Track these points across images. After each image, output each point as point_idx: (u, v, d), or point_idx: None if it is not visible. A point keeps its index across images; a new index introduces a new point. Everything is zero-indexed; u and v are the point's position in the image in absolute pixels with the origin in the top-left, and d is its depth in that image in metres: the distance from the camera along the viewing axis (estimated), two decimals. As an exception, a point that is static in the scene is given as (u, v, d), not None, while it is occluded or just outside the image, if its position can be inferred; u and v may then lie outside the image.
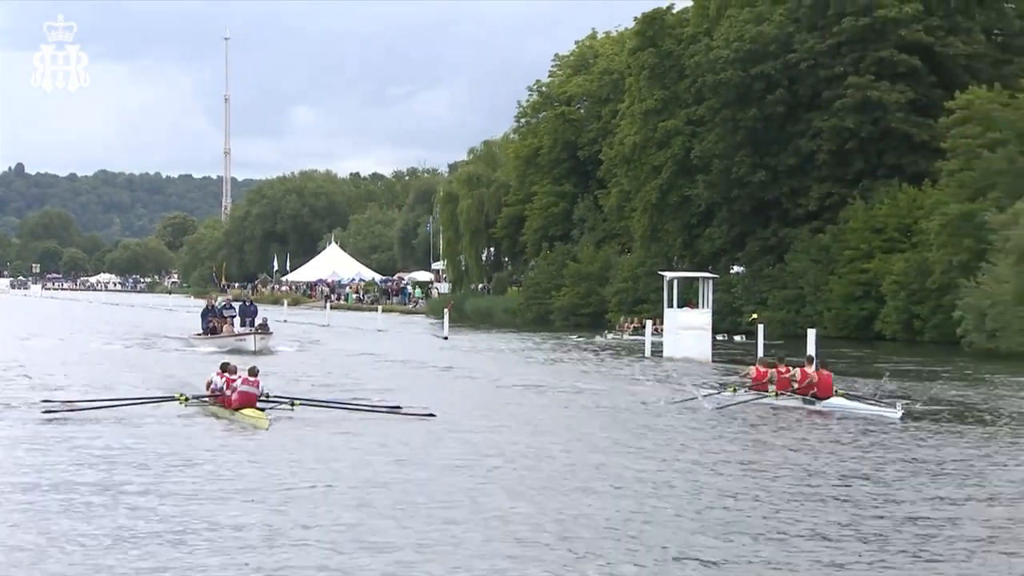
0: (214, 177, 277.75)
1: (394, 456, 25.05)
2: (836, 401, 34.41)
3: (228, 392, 30.41)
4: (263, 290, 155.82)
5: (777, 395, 35.25)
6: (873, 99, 79.43)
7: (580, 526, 18.60)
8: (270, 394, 30.62)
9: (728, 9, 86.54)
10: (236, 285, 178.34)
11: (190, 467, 23.21)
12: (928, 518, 19.66)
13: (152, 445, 26.03)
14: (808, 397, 34.47)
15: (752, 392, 36.40)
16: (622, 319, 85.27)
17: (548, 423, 31.95)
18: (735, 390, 36.97)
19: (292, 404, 30.35)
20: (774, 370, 35.98)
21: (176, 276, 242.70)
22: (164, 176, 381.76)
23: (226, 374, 31.12)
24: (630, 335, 77.18)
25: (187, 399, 31.47)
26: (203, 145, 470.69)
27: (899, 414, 32.02)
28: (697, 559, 16.76)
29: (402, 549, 16.75)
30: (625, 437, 29.11)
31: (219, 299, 70.95)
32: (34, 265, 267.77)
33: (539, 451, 26.18)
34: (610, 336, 79.64)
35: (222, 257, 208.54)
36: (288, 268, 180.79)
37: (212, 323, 61.32)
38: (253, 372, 30.29)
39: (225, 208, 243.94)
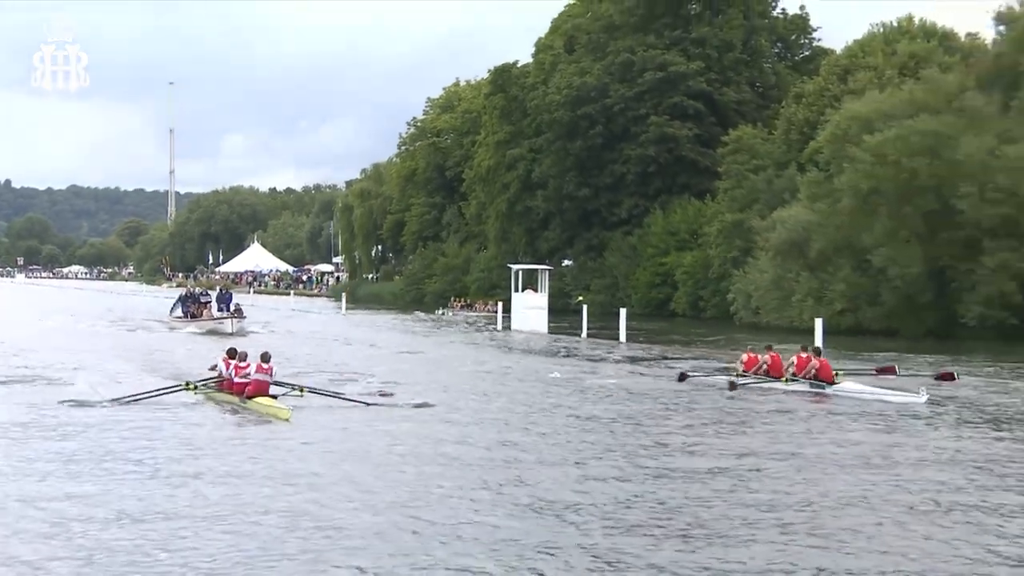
0: (162, 190, 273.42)
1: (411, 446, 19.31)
2: (848, 385, 28.57)
3: (239, 378, 24.21)
4: (201, 279, 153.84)
5: (787, 380, 29.17)
6: (668, 134, 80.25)
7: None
8: (278, 379, 24.93)
9: (559, 64, 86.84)
10: (180, 274, 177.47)
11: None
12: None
13: (190, 445, 19.25)
14: (816, 382, 28.61)
15: (753, 376, 30.30)
16: (452, 299, 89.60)
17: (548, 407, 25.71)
18: (736, 375, 30.55)
19: (301, 391, 24.64)
20: (767, 356, 30.57)
21: (131, 268, 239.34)
22: (122, 189, 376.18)
23: (233, 360, 24.95)
24: (457, 311, 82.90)
25: (196, 386, 25.52)
26: (153, 165, 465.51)
27: (924, 399, 26.09)
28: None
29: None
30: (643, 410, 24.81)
31: (196, 288, 67.74)
32: (19, 259, 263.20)
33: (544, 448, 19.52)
34: (447, 312, 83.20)
35: (168, 253, 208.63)
36: (220, 261, 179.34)
37: (191, 308, 57.05)
38: (266, 358, 24.30)
39: (170, 215, 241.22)
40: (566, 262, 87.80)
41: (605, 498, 14.88)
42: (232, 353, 25.37)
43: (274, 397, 23.82)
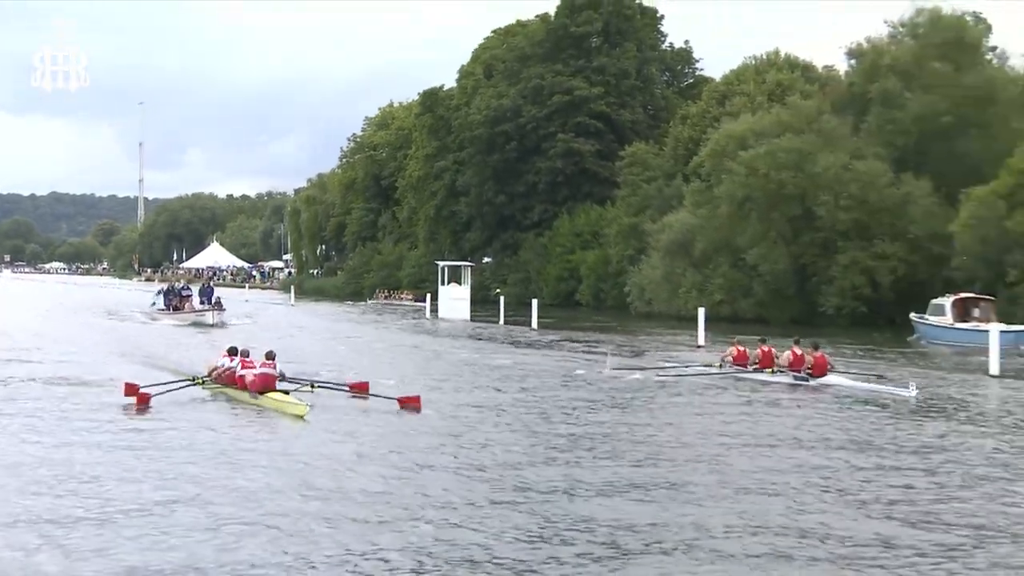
0: (132, 197, 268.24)
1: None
2: (833, 378, 25.84)
3: (243, 373, 21.48)
4: (167, 274, 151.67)
5: (773, 372, 26.47)
6: (574, 149, 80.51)
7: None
8: (286, 375, 21.79)
9: (479, 89, 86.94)
10: (148, 270, 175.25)
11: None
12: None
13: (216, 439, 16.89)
14: (800, 374, 25.76)
15: (736, 367, 27.58)
16: (376, 291, 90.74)
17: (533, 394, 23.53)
18: (720, 366, 27.99)
19: (312, 387, 21.60)
20: (758, 350, 27.28)
21: (105, 264, 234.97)
22: (97, 196, 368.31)
23: (236, 357, 22.18)
24: (382, 301, 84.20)
25: (203, 381, 22.32)
26: (124, 175, 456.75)
27: (914, 393, 23.24)
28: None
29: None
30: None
31: (178, 283, 63.62)
32: (5, 256, 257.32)
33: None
34: (373, 302, 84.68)
35: (138, 251, 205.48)
36: (184, 258, 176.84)
37: (174, 302, 53.20)
38: (270, 356, 21.32)
39: (140, 218, 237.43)
40: (486, 259, 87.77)
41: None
42: (233, 351, 22.65)
43: (286, 392, 20.77)
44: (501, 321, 54.28)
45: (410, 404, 20.35)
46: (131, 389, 20.50)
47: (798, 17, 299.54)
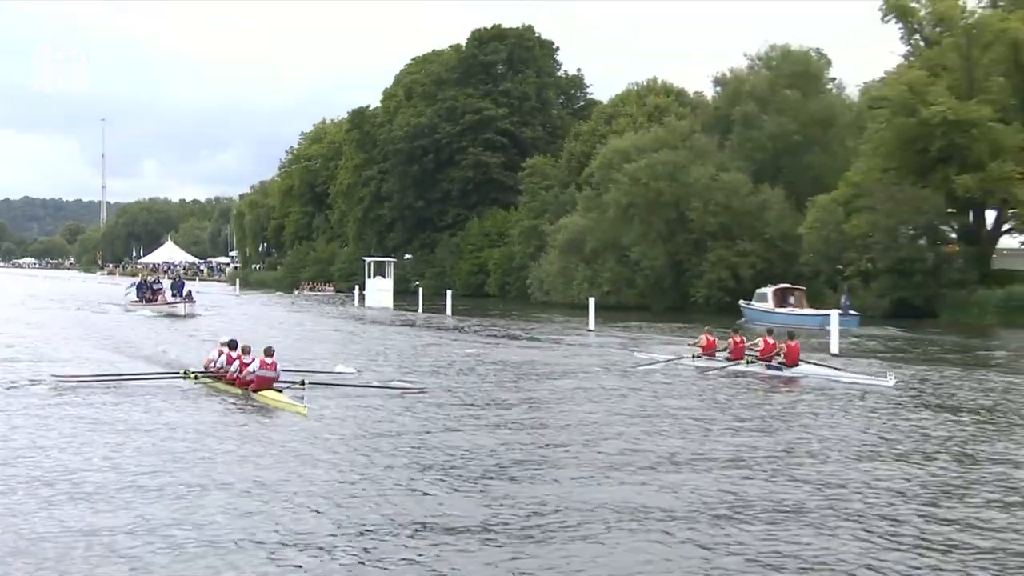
0: (96, 201, 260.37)
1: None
2: (806, 368, 23.16)
3: (240, 372, 18.73)
4: (127, 269, 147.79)
5: (748, 362, 23.77)
6: (482, 161, 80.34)
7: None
8: (281, 372, 18.67)
9: (401, 108, 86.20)
10: (110, 264, 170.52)
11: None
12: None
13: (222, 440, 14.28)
14: (773, 364, 23.29)
15: (706, 358, 24.75)
16: (302, 283, 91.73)
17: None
18: (694, 357, 24.91)
19: (303, 384, 18.16)
20: (729, 340, 24.74)
21: (72, 260, 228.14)
22: (65, 199, 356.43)
23: (232, 352, 19.32)
24: (307, 292, 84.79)
25: (196, 376, 19.53)
26: (89, 181, 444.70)
27: (892, 382, 20.97)
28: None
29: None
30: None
31: (150, 277, 60.65)
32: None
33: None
34: (299, 293, 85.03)
35: (100, 248, 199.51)
36: (142, 255, 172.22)
37: (146, 294, 50.11)
38: (269, 352, 18.30)
39: (102, 220, 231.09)
40: (407, 256, 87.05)
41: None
42: (233, 345, 19.58)
43: (279, 391, 17.91)
44: (420, 310, 54.01)
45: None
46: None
47: (674, 48, 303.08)
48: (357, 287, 66.69)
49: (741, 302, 47.66)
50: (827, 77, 60.63)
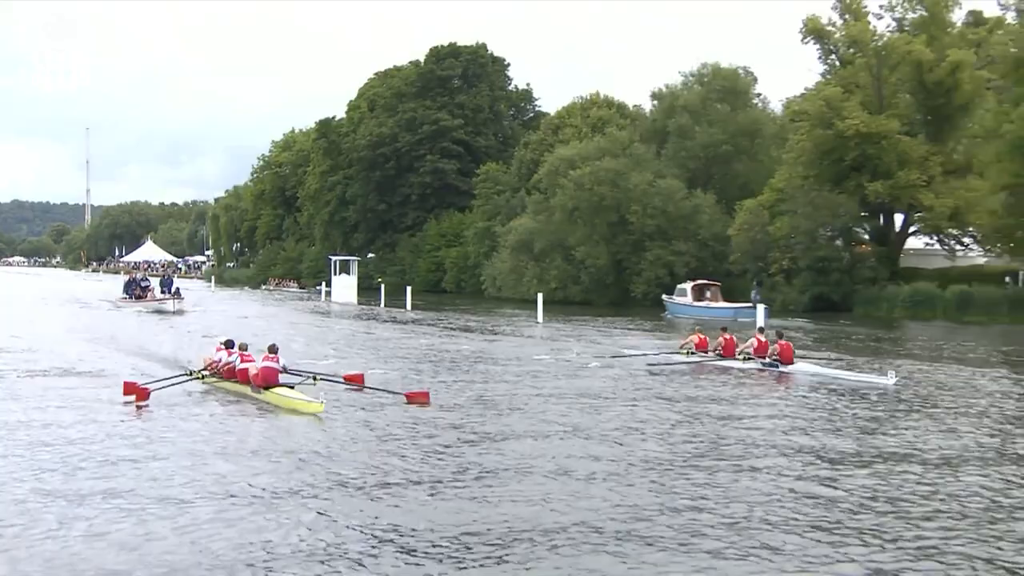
0: (81, 204, 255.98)
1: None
2: (803, 366, 21.25)
3: (244, 366, 17.13)
4: (110, 267, 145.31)
5: (744, 359, 21.84)
6: (440, 168, 79.96)
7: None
8: (288, 367, 17.32)
9: (364, 119, 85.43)
10: (94, 263, 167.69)
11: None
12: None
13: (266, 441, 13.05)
14: (768, 361, 21.30)
15: (700, 354, 23.00)
16: (270, 279, 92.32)
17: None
18: (688, 354, 23.10)
19: (315, 379, 17.15)
20: (720, 338, 22.64)
21: (59, 258, 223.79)
22: (52, 203, 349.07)
23: (234, 351, 17.65)
24: (272, 287, 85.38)
25: (203, 375, 17.77)
26: (75, 186, 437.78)
27: (892, 381, 18.86)
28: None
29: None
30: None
31: (138, 274, 58.48)
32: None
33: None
34: (267, 288, 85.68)
35: (85, 248, 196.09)
36: (124, 254, 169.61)
37: (135, 291, 48.04)
38: (273, 349, 16.95)
39: (87, 221, 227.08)
40: (370, 255, 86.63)
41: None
42: (229, 344, 18.03)
43: (291, 387, 16.47)
44: (382, 304, 53.62)
45: (418, 399, 16.24)
46: (130, 388, 16.22)
47: (614, 64, 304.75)
48: (324, 283, 66.13)
49: (664, 297, 48.28)
50: (753, 92, 61.11)
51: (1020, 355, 26.91)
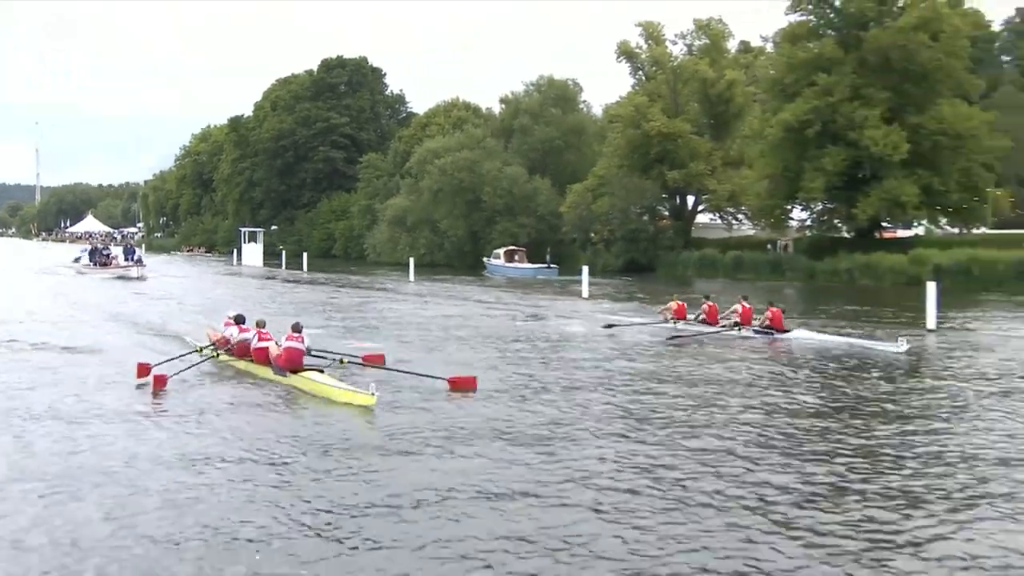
0: (32, 184, 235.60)
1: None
2: (800, 333, 16.84)
3: (263, 345, 12.47)
4: (58, 236, 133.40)
5: (739, 328, 17.18)
6: (331, 157, 76.19)
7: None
8: (312, 349, 12.25)
9: (267, 117, 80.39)
10: (44, 233, 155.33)
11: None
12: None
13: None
14: (761, 328, 17.00)
15: (682, 323, 18.11)
16: (182, 247, 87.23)
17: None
18: (674, 322, 18.14)
19: (342, 361, 12.36)
20: (704, 305, 18.22)
21: (13, 230, 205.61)
22: (7, 184, 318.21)
23: (245, 326, 13.21)
24: (185, 253, 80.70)
25: (217, 353, 13.10)
26: (28, 169, 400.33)
27: (904, 348, 14.74)
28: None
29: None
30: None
31: (100, 244, 51.61)
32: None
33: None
34: (176, 254, 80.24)
35: (35, 221, 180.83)
36: (68, 226, 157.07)
37: (98, 259, 41.79)
38: (297, 328, 12.07)
39: (37, 199, 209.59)
40: (273, 227, 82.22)
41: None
42: (240, 319, 13.42)
43: (320, 371, 11.73)
44: (283, 267, 50.94)
45: (462, 386, 11.27)
46: (144, 369, 11.71)
47: (471, 72, 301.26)
48: (235, 250, 62.31)
49: (484, 259, 48.14)
50: (580, 99, 60.05)
51: (781, 300, 26.49)
